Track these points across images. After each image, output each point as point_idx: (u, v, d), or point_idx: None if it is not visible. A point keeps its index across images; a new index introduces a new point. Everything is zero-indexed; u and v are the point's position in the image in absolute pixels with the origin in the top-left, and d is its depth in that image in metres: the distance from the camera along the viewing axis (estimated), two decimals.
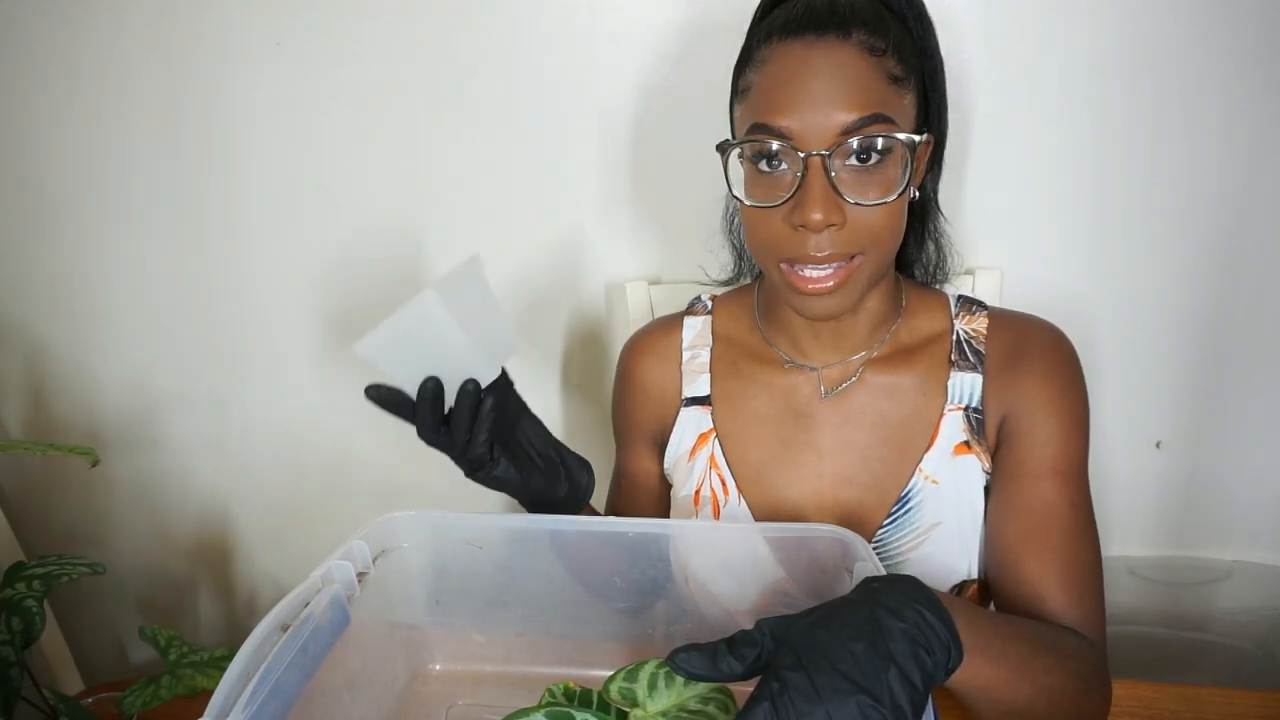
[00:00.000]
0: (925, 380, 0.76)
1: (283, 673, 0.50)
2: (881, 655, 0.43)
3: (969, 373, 0.75)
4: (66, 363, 1.24)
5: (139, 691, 0.78)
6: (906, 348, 0.78)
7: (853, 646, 0.43)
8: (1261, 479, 1.10)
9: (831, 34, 0.63)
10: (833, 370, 0.78)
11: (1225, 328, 1.04)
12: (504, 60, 1.02)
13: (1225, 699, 0.74)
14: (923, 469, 0.75)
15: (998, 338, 0.76)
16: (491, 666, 0.69)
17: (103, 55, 1.06)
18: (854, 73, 0.62)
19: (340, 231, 1.13)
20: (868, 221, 0.64)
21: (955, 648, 0.47)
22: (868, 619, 0.45)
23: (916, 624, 0.45)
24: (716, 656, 0.46)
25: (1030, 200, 1.01)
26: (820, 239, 0.64)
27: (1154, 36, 0.93)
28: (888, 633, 0.44)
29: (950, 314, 0.78)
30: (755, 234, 0.68)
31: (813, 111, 0.62)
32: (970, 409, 0.75)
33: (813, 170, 0.62)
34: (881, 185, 0.64)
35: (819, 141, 0.62)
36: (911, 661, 0.44)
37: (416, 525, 0.65)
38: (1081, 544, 0.70)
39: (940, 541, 0.74)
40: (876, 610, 0.45)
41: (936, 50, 0.69)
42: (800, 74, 0.63)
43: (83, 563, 0.86)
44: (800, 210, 0.63)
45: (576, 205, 1.09)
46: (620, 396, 0.89)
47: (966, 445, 0.75)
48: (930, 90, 0.69)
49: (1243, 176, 0.97)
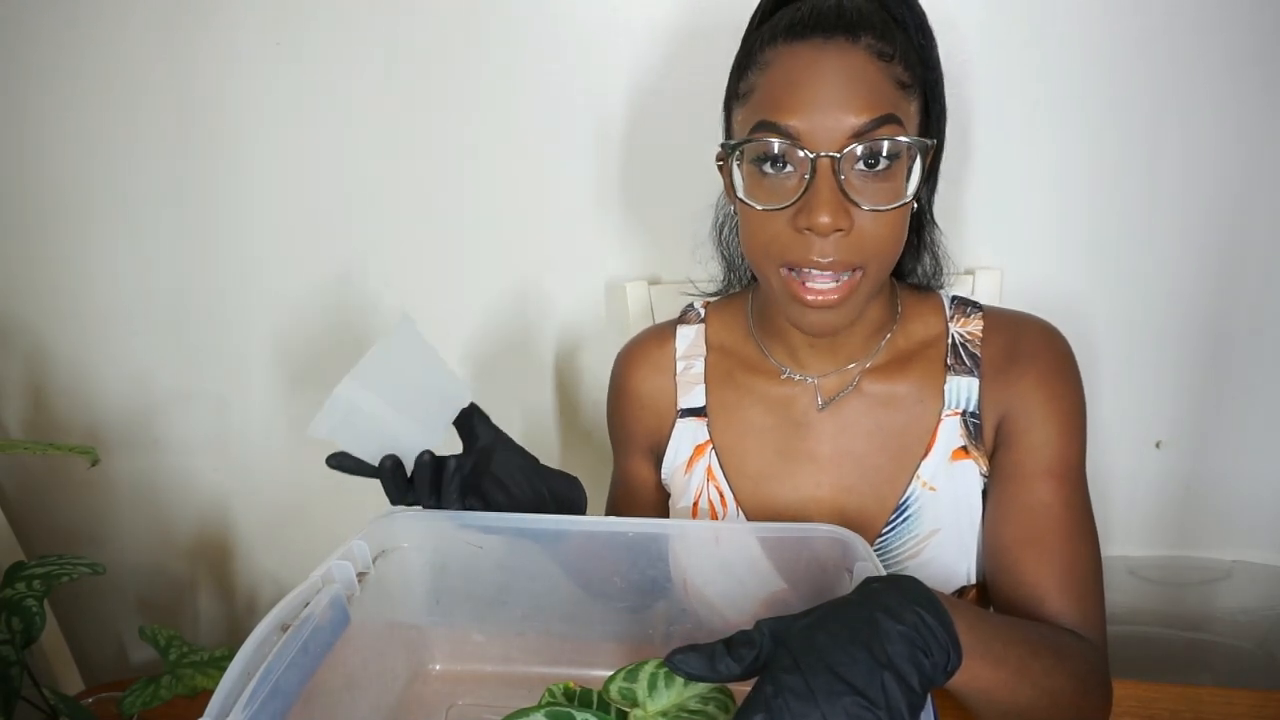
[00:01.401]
0: (921, 387, 0.75)
1: (283, 673, 0.50)
2: (879, 658, 0.43)
3: (965, 377, 0.75)
4: (66, 363, 1.24)
5: (139, 691, 0.78)
6: (902, 354, 0.77)
7: (850, 649, 0.43)
8: (1261, 479, 1.10)
9: (840, 37, 0.62)
10: (829, 380, 0.78)
11: (1225, 328, 1.04)
12: (504, 61, 1.03)
13: (1225, 699, 0.74)
14: (920, 476, 0.74)
15: (993, 340, 0.75)
16: (491, 666, 0.69)
17: (104, 56, 1.07)
18: (864, 76, 0.61)
19: (340, 231, 1.13)
20: (873, 230, 0.63)
21: (954, 650, 0.47)
22: (866, 621, 0.45)
23: (915, 626, 0.45)
24: (714, 657, 0.46)
25: (1030, 201, 1.01)
26: (825, 244, 0.63)
27: (1151, 37, 0.93)
28: (885, 635, 0.44)
29: (945, 317, 0.77)
30: (756, 238, 0.67)
31: (822, 113, 0.61)
32: (967, 414, 0.74)
33: (822, 172, 0.61)
34: (889, 191, 0.63)
35: (829, 143, 0.61)
36: (909, 664, 0.44)
37: (416, 525, 0.65)
38: (1080, 545, 0.69)
39: (939, 548, 0.74)
40: (875, 612, 0.45)
41: (938, 62, 0.69)
42: (809, 75, 0.62)
43: (83, 563, 0.87)
44: (807, 213, 0.62)
45: (576, 205, 1.09)
46: (615, 407, 0.88)
47: (964, 450, 0.74)
48: (931, 99, 0.68)
49: (1242, 177, 0.97)
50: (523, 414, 1.22)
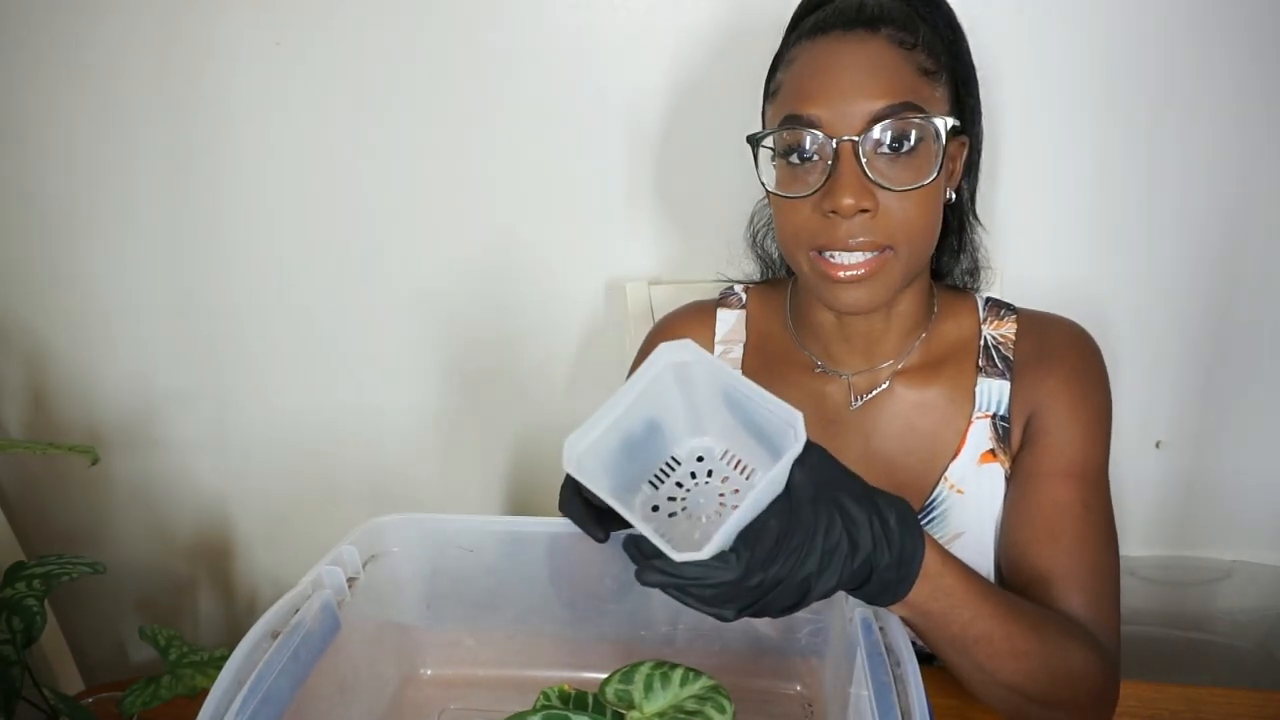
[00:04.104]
0: (953, 389, 0.75)
1: (274, 680, 0.50)
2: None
3: (997, 380, 0.74)
4: (66, 363, 1.24)
5: (139, 691, 0.78)
6: (936, 355, 0.77)
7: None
8: (1261, 479, 1.10)
9: (860, 29, 0.64)
10: (861, 377, 0.77)
11: (1225, 328, 1.03)
12: (504, 61, 1.02)
13: (1225, 699, 0.74)
14: (949, 478, 0.74)
15: (1025, 341, 0.75)
16: (484, 670, 0.69)
17: (104, 56, 1.07)
18: (882, 62, 0.63)
19: (341, 231, 1.13)
20: (899, 210, 0.64)
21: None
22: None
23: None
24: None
25: (1030, 201, 1.01)
26: (852, 225, 0.64)
27: (1152, 37, 0.92)
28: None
29: (979, 319, 0.77)
30: (785, 226, 0.68)
31: (841, 99, 0.62)
32: (998, 417, 0.74)
33: (843, 156, 0.63)
34: (913, 172, 0.64)
35: (848, 128, 0.62)
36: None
37: (406, 529, 0.64)
38: (1097, 546, 0.69)
39: (962, 551, 0.73)
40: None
41: (968, 55, 0.69)
42: (829, 65, 0.64)
43: (83, 562, 0.87)
44: (831, 196, 0.63)
45: (576, 205, 1.09)
46: None
47: (992, 454, 0.74)
48: (964, 94, 0.69)
49: (1243, 177, 0.96)
50: (523, 414, 1.22)
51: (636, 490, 0.50)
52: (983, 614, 0.55)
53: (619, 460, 0.49)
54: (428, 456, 1.26)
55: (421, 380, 1.21)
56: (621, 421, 0.49)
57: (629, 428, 0.49)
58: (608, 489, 0.46)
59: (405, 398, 1.22)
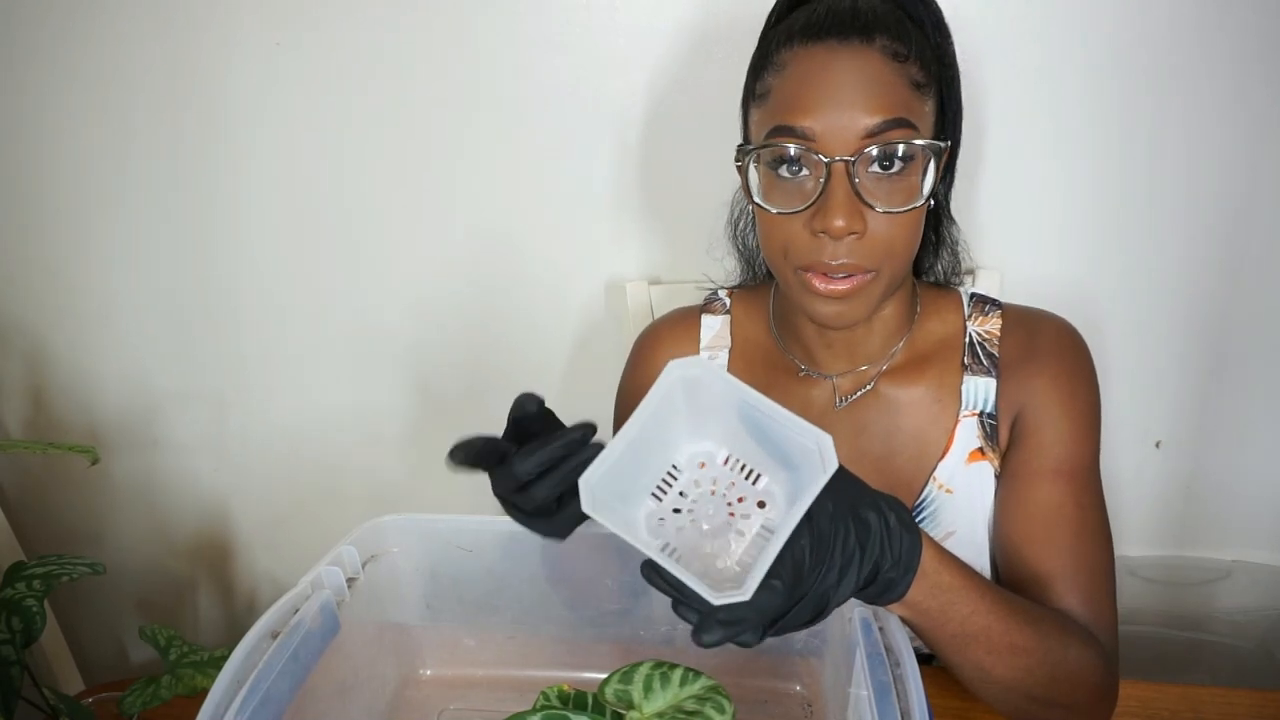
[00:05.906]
0: (939, 387, 0.75)
1: (273, 680, 0.50)
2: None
3: (982, 377, 0.74)
4: (66, 363, 1.24)
5: (139, 691, 0.78)
6: (920, 355, 0.76)
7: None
8: (1261, 479, 1.10)
9: (855, 38, 0.62)
10: (846, 380, 0.77)
11: (1225, 328, 1.03)
12: (504, 60, 1.02)
13: (1225, 699, 0.74)
14: (937, 478, 0.74)
15: (1011, 338, 0.74)
16: (483, 670, 0.69)
17: (104, 56, 1.07)
18: (878, 76, 0.62)
19: (342, 232, 1.13)
20: (886, 232, 0.64)
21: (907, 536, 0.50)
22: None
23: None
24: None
25: (1030, 200, 1.01)
26: (838, 247, 0.63)
27: (1152, 35, 0.92)
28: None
29: (963, 315, 0.77)
30: (772, 241, 0.67)
31: (836, 114, 0.61)
32: (984, 414, 0.74)
33: (836, 176, 0.62)
34: (904, 193, 0.63)
35: (842, 146, 0.61)
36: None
37: (405, 529, 0.64)
38: (1090, 544, 0.69)
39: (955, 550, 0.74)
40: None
41: (954, 59, 0.69)
42: (824, 77, 0.62)
43: (83, 562, 0.87)
44: (822, 216, 0.62)
45: (576, 205, 1.08)
46: (630, 390, 0.87)
47: (980, 452, 0.74)
48: (947, 98, 0.68)
49: (1243, 177, 0.96)
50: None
51: (640, 505, 0.49)
52: (980, 610, 0.55)
53: (624, 481, 0.48)
54: (427, 457, 1.26)
55: (421, 381, 1.21)
56: (633, 446, 0.47)
57: (636, 449, 0.48)
58: (648, 544, 0.44)
59: (405, 398, 1.22)
